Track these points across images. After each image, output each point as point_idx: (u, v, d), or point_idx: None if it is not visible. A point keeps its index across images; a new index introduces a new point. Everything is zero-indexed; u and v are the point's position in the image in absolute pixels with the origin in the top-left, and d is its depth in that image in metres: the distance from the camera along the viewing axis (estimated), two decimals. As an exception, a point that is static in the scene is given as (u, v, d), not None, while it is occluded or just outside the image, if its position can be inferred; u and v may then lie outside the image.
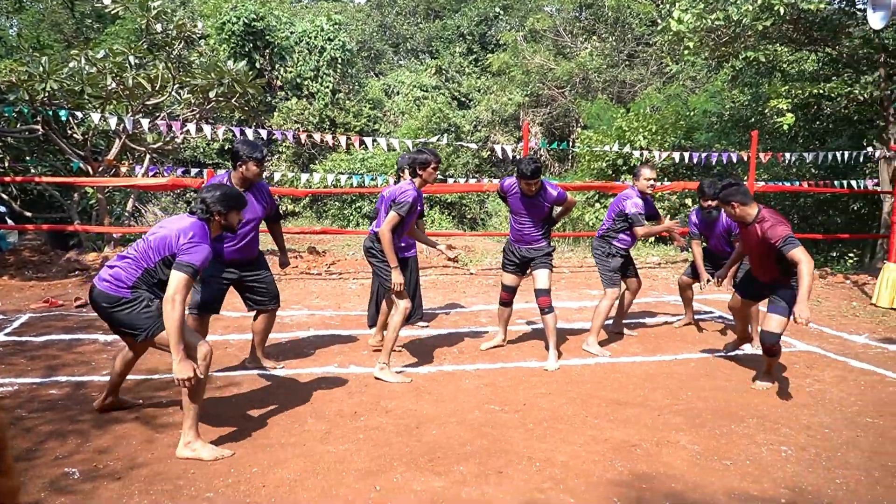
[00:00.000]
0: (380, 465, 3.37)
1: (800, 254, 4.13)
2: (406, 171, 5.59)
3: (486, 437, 3.74)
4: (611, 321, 6.11)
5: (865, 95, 10.53)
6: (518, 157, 8.96)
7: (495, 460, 3.45)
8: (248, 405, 4.20)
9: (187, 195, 16.22)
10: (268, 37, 18.48)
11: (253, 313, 4.85)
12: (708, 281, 5.65)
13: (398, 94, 22.28)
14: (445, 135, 18.21)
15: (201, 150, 17.56)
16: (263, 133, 8.72)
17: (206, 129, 8.44)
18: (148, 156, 9.72)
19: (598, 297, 7.68)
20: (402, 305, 4.63)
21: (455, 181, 14.10)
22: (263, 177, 4.86)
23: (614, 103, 17.35)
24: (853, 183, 10.47)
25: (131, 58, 8.79)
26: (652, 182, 5.52)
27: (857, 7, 10.99)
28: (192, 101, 9.62)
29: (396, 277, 4.56)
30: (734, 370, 5.05)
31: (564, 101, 19.41)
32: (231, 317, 6.33)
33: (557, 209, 5.46)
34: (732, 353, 5.40)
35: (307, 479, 3.22)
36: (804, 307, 4.09)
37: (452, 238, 12.24)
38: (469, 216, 17.77)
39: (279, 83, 19.05)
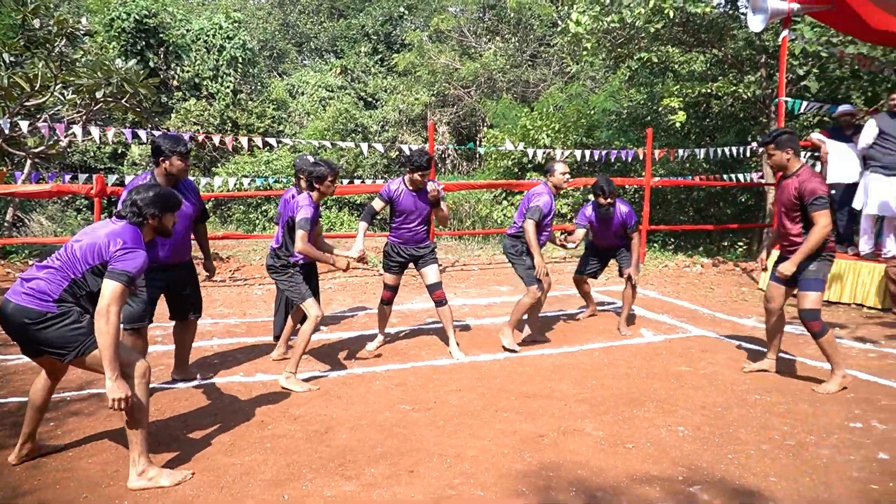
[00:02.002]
0: (288, 474, 3.30)
1: (823, 218, 4.20)
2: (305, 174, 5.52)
3: (397, 438, 3.73)
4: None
5: (749, 94, 11.17)
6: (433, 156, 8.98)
7: (406, 460, 3.44)
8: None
9: (77, 202, 15.40)
10: (161, 34, 17.75)
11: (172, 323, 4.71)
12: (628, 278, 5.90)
13: (303, 94, 21.91)
14: (352, 135, 18.07)
15: (91, 154, 16.70)
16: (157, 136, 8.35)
17: (95, 131, 8.00)
18: (29, 161, 9.11)
19: (506, 293, 7.84)
20: (314, 314, 4.55)
21: (363, 182, 14.00)
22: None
23: (518, 103, 17.70)
24: (740, 176, 11.08)
25: (6, 55, 8.23)
26: (568, 176, 5.55)
27: (740, 11, 11.67)
28: (78, 102, 9.11)
29: (341, 263, 4.75)
30: (635, 358, 5.25)
31: (470, 100, 19.64)
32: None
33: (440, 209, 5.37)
34: (633, 342, 5.63)
35: (210, 493, 3.11)
36: (791, 265, 4.31)
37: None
38: (379, 216, 17.69)
39: (176, 83, 18.35)
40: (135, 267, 3.09)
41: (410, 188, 5.21)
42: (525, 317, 5.72)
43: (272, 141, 9.57)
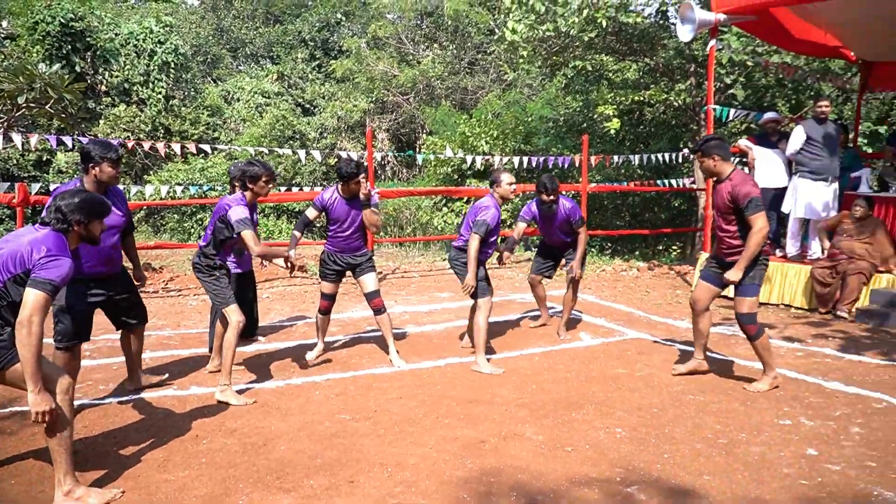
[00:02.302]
0: (224, 489, 3.20)
1: (759, 220, 4.24)
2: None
3: (336, 448, 3.67)
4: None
5: (680, 102, 11.52)
6: (364, 163, 8.92)
7: (346, 470, 3.39)
8: (75, 437, 3.84)
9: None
10: (89, 38, 17.12)
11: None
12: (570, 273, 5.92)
13: (238, 100, 21.48)
14: (290, 142, 17.82)
15: (14, 161, 15.99)
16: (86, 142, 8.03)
17: (17, 138, 7.65)
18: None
19: (446, 299, 7.84)
20: (235, 321, 4.42)
21: (301, 189, 13.82)
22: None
23: (457, 110, 17.80)
24: (674, 182, 11.40)
25: (-82, 58, 7.81)
26: (514, 186, 5.31)
27: (671, 21, 12.03)
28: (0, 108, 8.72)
29: (280, 262, 4.81)
30: (574, 362, 5.31)
31: (409, 107, 19.65)
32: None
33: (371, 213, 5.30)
34: (571, 346, 5.71)
35: (142, 510, 3.00)
36: (737, 272, 4.35)
37: (300, 247, 11.96)
38: (318, 224, 17.49)
39: (104, 88, 17.74)
40: (59, 276, 2.94)
41: (344, 196, 5.14)
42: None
43: (207, 147, 9.35)
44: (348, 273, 5.44)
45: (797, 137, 7.37)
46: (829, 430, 3.82)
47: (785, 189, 7.94)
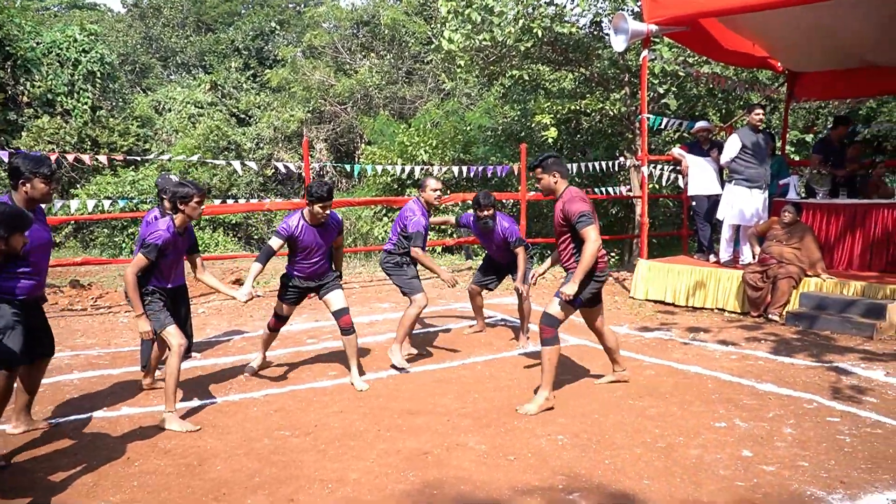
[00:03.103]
0: (156, 513, 3.07)
1: (590, 232, 4.14)
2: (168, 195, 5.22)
3: (275, 465, 3.56)
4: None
5: (615, 111, 11.79)
6: (301, 174, 8.78)
7: (286, 488, 3.29)
8: (-6, 466, 3.63)
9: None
10: (8, 47, 16.42)
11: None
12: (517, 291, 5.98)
13: (170, 110, 20.96)
14: (225, 153, 17.45)
15: (-70, 175, 15.15)
16: (4, 156, 7.65)
17: (-70, 150, 7.25)
18: None
19: (388, 310, 7.77)
20: (176, 344, 4.17)
21: (237, 201, 13.53)
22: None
23: (396, 119, 17.79)
24: (611, 189, 11.63)
25: None
26: (439, 192, 5.45)
27: (605, 32, 12.31)
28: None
29: (142, 325, 4.15)
30: (516, 370, 5.33)
31: (347, 117, 19.53)
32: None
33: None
34: (521, 353, 5.74)
35: (67, 541, 2.84)
36: (572, 286, 4.21)
37: (239, 259, 11.69)
38: (256, 236, 17.16)
39: (26, 99, 17.01)
40: None
41: (311, 223, 4.83)
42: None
43: (138, 158, 9.04)
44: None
45: (733, 146, 7.55)
46: (763, 432, 3.91)
47: (717, 196, 8.18)
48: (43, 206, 3.96)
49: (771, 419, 4.12)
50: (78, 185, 16.69)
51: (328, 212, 4.80)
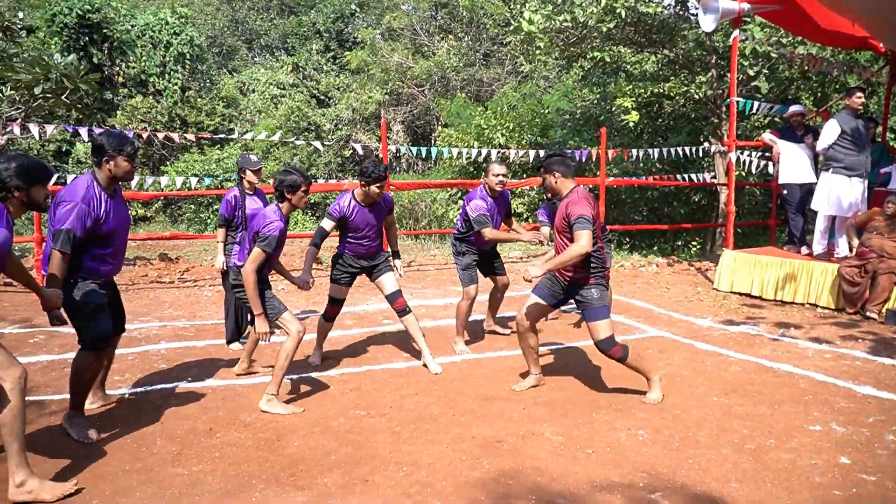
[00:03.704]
0: (237, 485, 3.13)
1: (582, 236, 3.93)
2: (248, 173, 5.31)
3: (351, 445, 3.59)
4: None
5: (700, 94, 11.31)
6: (379, 155, 8.83)
7: (361, 468, 3.31)
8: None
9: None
10: (105, 30, 17.16)
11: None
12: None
13: (254, 91, 21.48)
14: (305, 134, 17.76)
15: (35, 151, 16.06)
16: (86, 132, 7.98)
17: (33, 128, 7.63)
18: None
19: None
20: (295, 330, 4.09)
21: (317, 181, 13.76)
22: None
23: (473, 102, 17.66)
24: (693, 176, 11.21)
25: (-62, 49, 7.80)
26: (501, 178, 5.27)
27: (691, 12, 11.82)
28: (17, 98, 8.68)
29: (261, 326, 4.05)
30: (593, 359, 5.20)
31: (424, 99, 19.53)
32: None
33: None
34: (590, 343, 5.58)
35: (153, 508, 2.93)
36: (539, 268, 3.99)
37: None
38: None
39: (121, 79, 17.77)
40: None
41: (363, 203, 4.84)
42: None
43: (223, 137, 9.28)
44: None
45: (831, 131, 7.11)
46: (863, 438, 3.67)
47: (811, 185, 7.75)
48: (136, 178, 4.02)
49: (871, 424, 3.87)
50: (168, 163, 17.35)
51: (381, 192, 4.78)
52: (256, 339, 4.75)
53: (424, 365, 4.96)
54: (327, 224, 4.85)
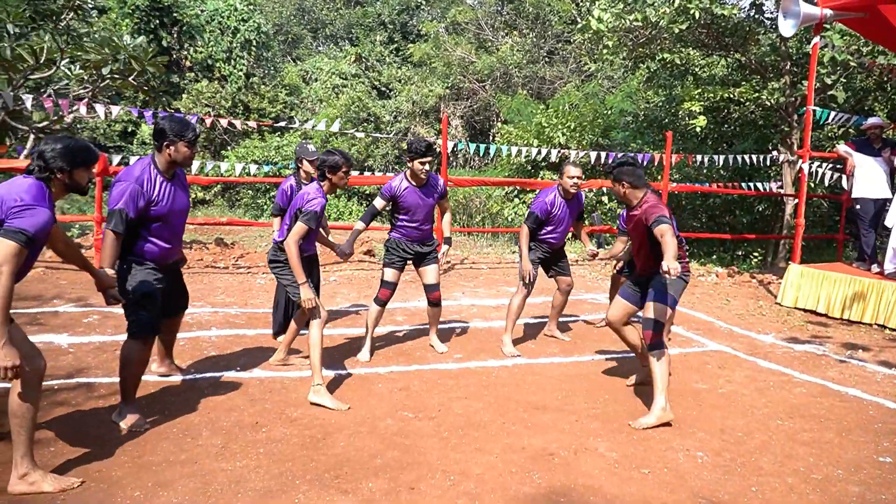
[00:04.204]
0: (280, 484, 3.08)
1: (665, 231, 3.81)
2: (304, 163, 5.29)
3: (397, 448, 3.51)
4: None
5: (772, 101, 10.89)
6: (438, 150, 8.77)
7: (407, 474, 3.23)
8: (137, 414, 3.81)
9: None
10: (175, 14, 17.54)
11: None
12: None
13: (316, 80, 21.69)
14: (364, 125, 17.83)
15: (101, 131, 16.54)
16: (149, 118, 8.13)
17: (99, 108, 7.79)
18: (32, 136, 8.90)
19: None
20: (319, 318, 4.17)
21: (374, 173, 13.78)
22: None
23: (534, 99, 17.45)
24: (759, 185, 10.81)
25: (10, 26, 7.99)
26: (576, 181, 5.22)
27: (765, 16, 11.37)
28: (85, 78, 8.88)
29: (305, 293, 4.06)
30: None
31: (485, 94, 19.38)
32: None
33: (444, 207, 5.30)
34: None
35: (195, 502, 2.90)
36: (671, 261, 3.69)
37: (371, 230, 11.92)
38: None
39: (188, 63, 18.14)
40: (33, 225, 2.75)
41: (414, 183, 4.94)
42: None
43: (283, 125, 9.35)
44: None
45: None
46: (940, 474, 3.43)
47: (886, 201, 7.37)
48: (197, 163, 4.04)
49: (948, 462, 3.61)
50: (229, 147, 17.66)
51: (427, 168, 4.86)
52: (296, 330, 4.75)
53: (431, 345, 5.31)
54: (378, 203, 5.00)
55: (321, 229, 4.71)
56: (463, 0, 22.63)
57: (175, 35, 17.81)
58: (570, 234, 5.89)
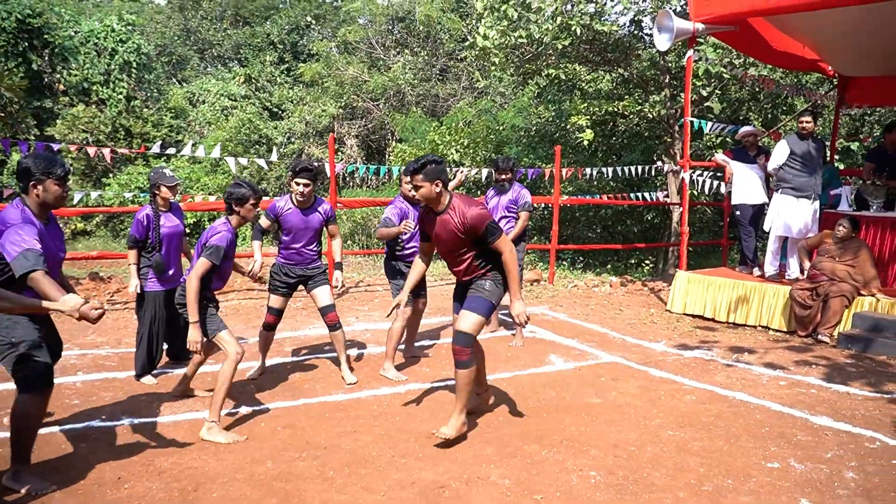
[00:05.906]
0: (139, 549, 2.77)
1: (506, 245, 3.72)
2: (162, 188, 4.95)
3: (276, 495, 3.24)
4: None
5: (654, 114, 11.30)
6: (316, 167, 8.50)
7: (285, 523, 2.97)
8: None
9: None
10: (47, 35, 16.44)
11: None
12: None
13: (204, 102, 20.89)
14: (256, 147, 17.30)
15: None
16: (24, 147, 7.49)
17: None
18: None
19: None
20: (233, 352, 3.94)
21: (267, 195, 13.32)
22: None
23: (428, 117, 17.44)
24: (646, 195, 11.16)
25: None
26: (409, 186, 5.10)
27: (645, 32, 11.83)
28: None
29: (194, 335, 3.88)
30: (545, 389, 4.94)
31: (379, 113, 19.23)
32: None
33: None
34: (541, 370, 5.34)
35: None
36: (521, 302, 3.78)
37: (265, 257, 11.46)
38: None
39: (62, 87, 17.05)
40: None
41: (297, 205, 4.85)
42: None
43: (163, 152, 8.84)
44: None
45: (780, 153, 7.10)
46: (822, 476, 3.49)
47: (763, 205, 7.72)
48: (82, 191, 3.77)
49: (829, 460, 3.69)
50: (111, 175, 16.67)
51: (302, 189, 4.75)
52: (199, 363, 4.52)
53: (342, 377, 5.05)
54: (263, 221, 4.96)
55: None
56: (353, 19, 22.46)
57: (46, 58, 16.70)
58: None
